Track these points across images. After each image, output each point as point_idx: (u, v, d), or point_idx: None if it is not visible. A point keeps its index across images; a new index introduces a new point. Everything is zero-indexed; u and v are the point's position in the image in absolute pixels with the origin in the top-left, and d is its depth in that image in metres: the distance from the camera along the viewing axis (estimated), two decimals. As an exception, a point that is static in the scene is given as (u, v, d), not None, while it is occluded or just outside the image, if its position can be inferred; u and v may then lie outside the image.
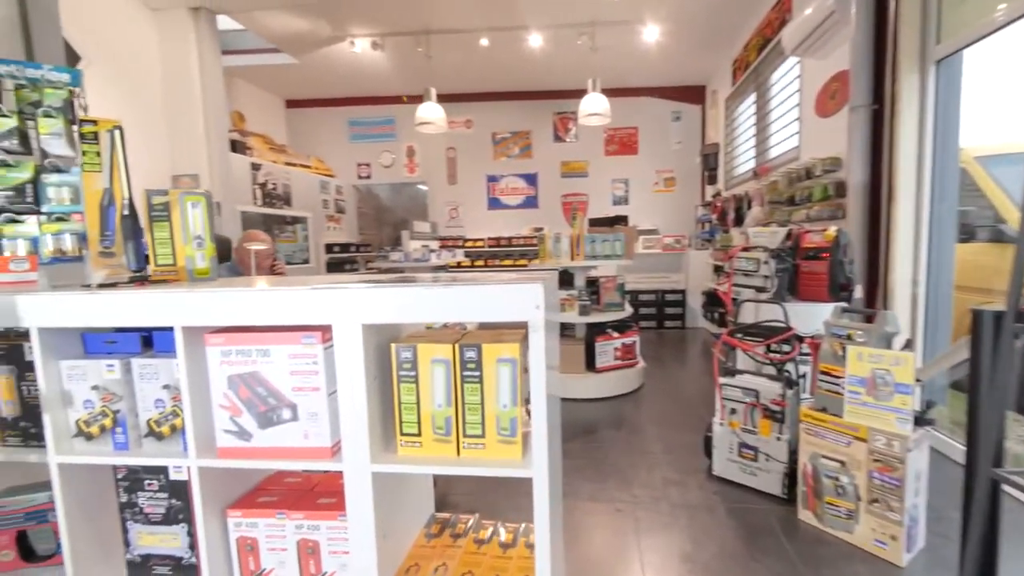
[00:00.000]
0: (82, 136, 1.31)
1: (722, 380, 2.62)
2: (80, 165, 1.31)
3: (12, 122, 1.28)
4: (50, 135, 1.32)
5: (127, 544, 1.19)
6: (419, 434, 1.02)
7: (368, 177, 9.00)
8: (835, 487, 2.14)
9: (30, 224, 1.29)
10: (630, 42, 6.41)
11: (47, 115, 1.32)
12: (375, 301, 0.96)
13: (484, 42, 6.15)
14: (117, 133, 1.32)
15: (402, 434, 1.03)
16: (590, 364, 3.91)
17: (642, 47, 6.53)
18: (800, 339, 2.50)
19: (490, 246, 8.57)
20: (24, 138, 1.31)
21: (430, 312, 0.96)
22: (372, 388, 1.00)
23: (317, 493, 1.19)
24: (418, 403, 1.02)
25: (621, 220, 4.46)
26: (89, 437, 1.14)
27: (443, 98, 8.65)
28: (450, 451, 1.02)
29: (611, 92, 8.08)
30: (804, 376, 2.58)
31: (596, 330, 3.97)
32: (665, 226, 8.23)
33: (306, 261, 7.70)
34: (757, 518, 2.31)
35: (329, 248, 8.02)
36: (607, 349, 3.88)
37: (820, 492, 2.20)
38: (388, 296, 0.96)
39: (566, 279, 4.22)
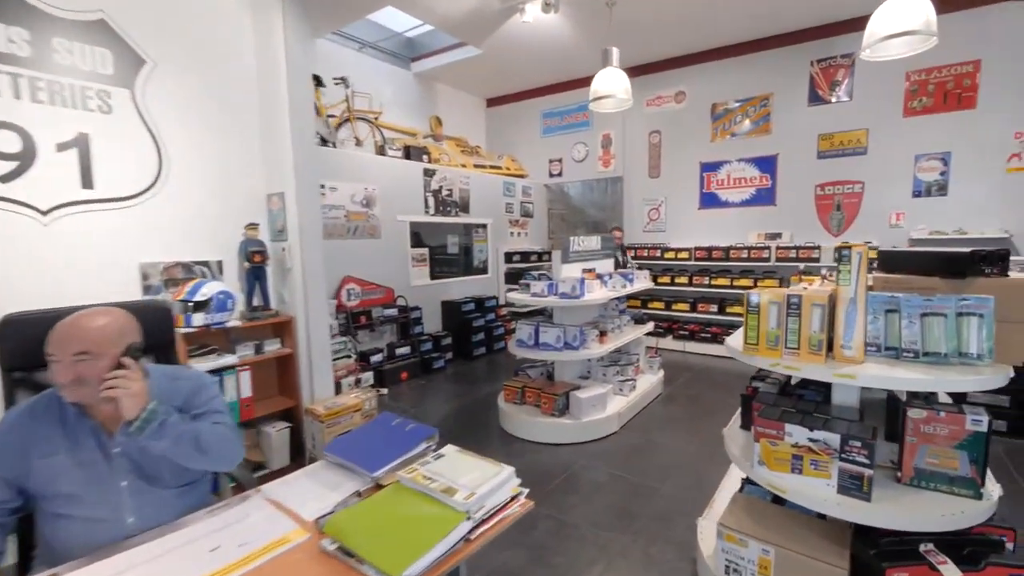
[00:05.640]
0: None
1: None
2: None
3: None
4: None
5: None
6: None
7: (559, 174, 7.43)
8: None
9: None
10: None
11: None
12: None
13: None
14: None
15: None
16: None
17: None
18: None
19: (698, 259, 6.05)
20: None
21: None
22: None
23: None
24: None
25: (995, 261, 1.64)
26: None
27: (642, 69, 6.42)
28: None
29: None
30: None
31: (890, 548, 1.55)
32: (1030, 230, 4.40)
33: (483, 271, 6.62)
34: None
35: (508, 257, 6.79)
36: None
37: None
38: None
39: (805, 389, 1.84)
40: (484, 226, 6.56)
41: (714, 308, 5.71)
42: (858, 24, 4.92)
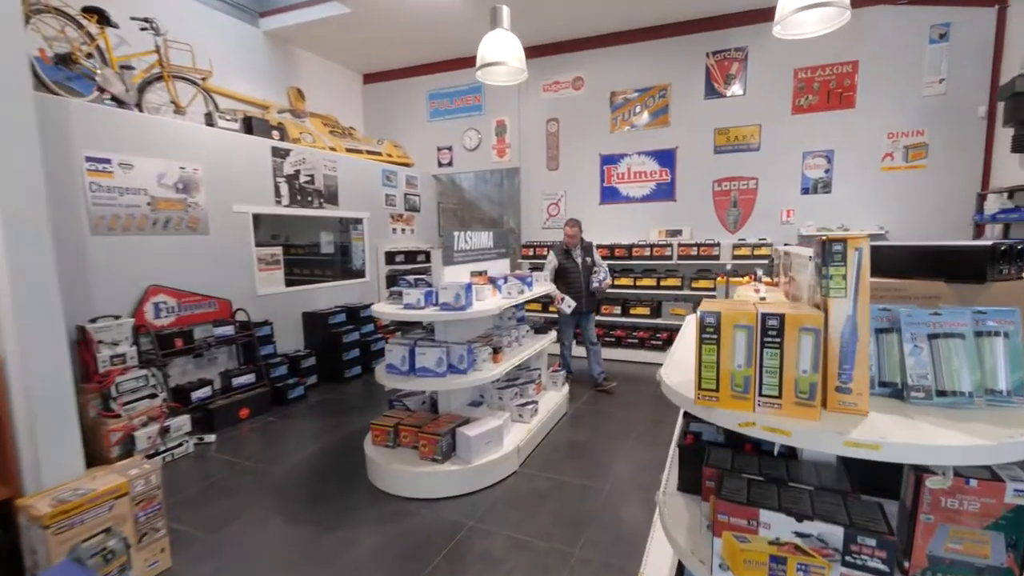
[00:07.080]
0: None
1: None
2: None
3: None
4: None
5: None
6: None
7: (449, 164, 6.69)
8: None
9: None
10: None
11: None
12: None
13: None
14: None
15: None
16: None
17: None
18: None
19: (602, 257, 5.73)
20: None
21: None
22: None
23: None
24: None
25: (1012, 258, 1.28)
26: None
27: (541, 50, 5.95)
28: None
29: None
30: None
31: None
32: (903, 228, 4.63)
33: (360, 275, 5.65)
34: None
35: (390, 257, 5.89)
36: None
37: None
38: None
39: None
40: (359, 221, 5.59)
41: (617, 310, 5.38)
42: (752, 17, 4.87)
